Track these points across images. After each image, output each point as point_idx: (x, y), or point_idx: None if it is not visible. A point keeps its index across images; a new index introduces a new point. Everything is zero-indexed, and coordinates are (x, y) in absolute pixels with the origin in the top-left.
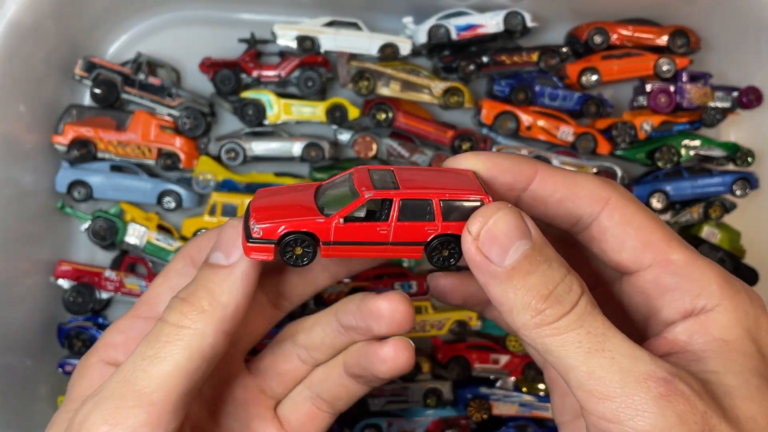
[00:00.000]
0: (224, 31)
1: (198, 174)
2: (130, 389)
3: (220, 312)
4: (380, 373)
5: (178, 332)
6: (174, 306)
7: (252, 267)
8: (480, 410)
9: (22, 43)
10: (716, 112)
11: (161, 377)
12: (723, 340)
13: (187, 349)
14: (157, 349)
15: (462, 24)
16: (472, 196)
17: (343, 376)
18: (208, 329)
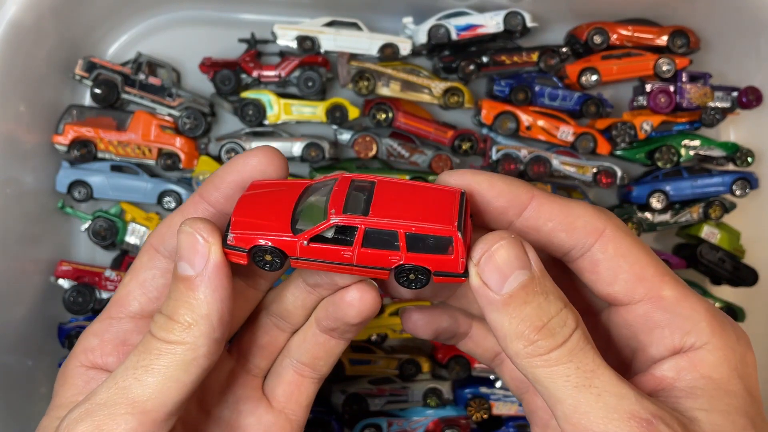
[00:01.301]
0: (224, 31)
1: (198, 174)
2: (123, 397)
3: (205, 324)
4: (350, 318)
5: (168, 347)
6: (160, 322)
7: (220, 272)
8: (480, 410)
9: (23, 43)
10: (716, 112)
11: (155, 386)
12: (711, 378)
13: (180, 361)
14: (149, 361)
15: (462, 24)
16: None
17: (318, 334)
18: (199, 341)
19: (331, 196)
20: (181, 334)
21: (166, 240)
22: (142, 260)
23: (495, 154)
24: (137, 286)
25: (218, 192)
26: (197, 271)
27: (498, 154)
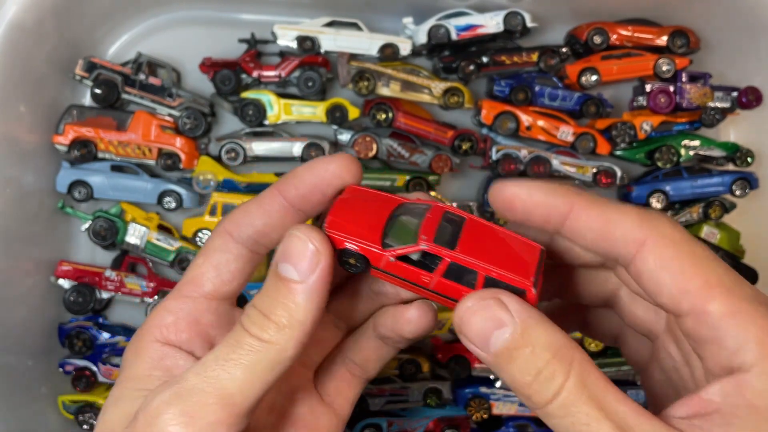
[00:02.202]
0: (224, 31)
1: (198, 174)
2: (213, 387)
3: (299, 329)
4: (406, 333)
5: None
6: (254, 318)
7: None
8: (480, 409)
9: (23, 43)
10: (716, 113)
11: (243, 380)
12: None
13: (268, 360)
14: (240, 355)
15: (462, 24)
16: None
17: (373, 339)
18: (289, 344)
19: (423, 222)
20: (274, 335)
21: (241, 227)
22: (216, 243)
23: (495, 154)
24: (211, 268)
25: (296, 191)
26: (302, 277)
27: (498, 154)
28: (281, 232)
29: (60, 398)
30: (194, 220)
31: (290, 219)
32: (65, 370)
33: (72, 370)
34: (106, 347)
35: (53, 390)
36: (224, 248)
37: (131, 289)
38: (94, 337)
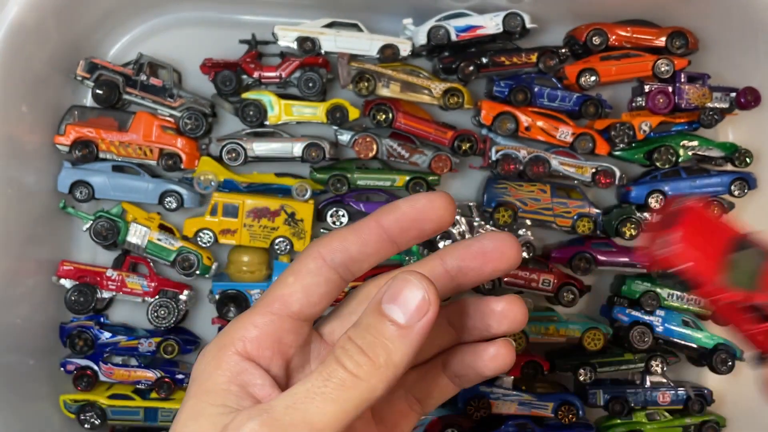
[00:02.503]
0: (225, 32)
1: (199, 174)
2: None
3: (393, 371)
4: (488, 371)
5: (354, 381)
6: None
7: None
8: (479, 409)
9: (25, 43)
10: (714, 113)
11: (331, 416)
12: None
13: (358, 398)
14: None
15: (461, 25)
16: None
17: (441, 377)
18: (380, 385)
19: None
20: (369, 373)
21: (335, 252)
22: (309, 266)
23: (494, 154)
24: (301, 289)
25: (397, 223)
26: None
27: (497, 154)
28: (373, 262)
29: (61, 397)
30: (195, 220)
31: (385, 250)
32: (66, 370)
33: (73, 369)
34: (107, 347)
35: (55, 389)
36: (316, 271)
37: (132, 288)
38: (96, 336)
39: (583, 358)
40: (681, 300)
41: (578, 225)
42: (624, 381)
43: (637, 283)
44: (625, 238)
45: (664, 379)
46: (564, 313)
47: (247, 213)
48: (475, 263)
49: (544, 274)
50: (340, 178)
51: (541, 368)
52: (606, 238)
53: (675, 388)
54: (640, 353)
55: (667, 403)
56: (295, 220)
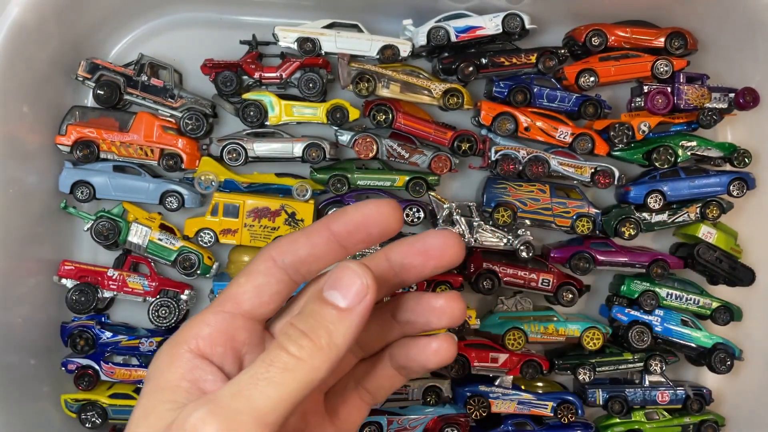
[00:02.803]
0: (226, 33)
1: (200, 174)
2: (248, 405)
3: (335, 352)
4: (430, 364)
5: (296, 363)
6: (293, 336)
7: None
8: (479, 408)
9: (26, 44)
10: (713, 113)
11: (275, 400)
12: None
13: (301, 380)
14: (273, 374)
15: (461, 26)
16: None
17: (388, 368)
18: (323, 366)
19: None
20: (311, 354)
21: (285, 254)
22: (260, 267)
23: (494, 154)
24: (253, 288)
25: (344, 227)
26: (348, 305)
27: (497, 154)
28: (322, 264)
29: (63, 397)
30: (196, 220)
31: (334, 253)
32: (68, 369)
33: (74, 368)
34: (108, 346)
35: (56, 388)
36: (267, 272)
37: (133, 288)
38: (97, 336)
39: (583, 357)
40: (680, 300)
41: (577, 225)
42: (623, 380)
43: (636, 282)
44: (624, 237)
45: (663, 378)
46: (563, 313)
47: (248, 213)
48: (417, 260)
49: (544, 273)
50: (340, 178)
51: (540, 367)
52: (605, 237)
53: (674, 388)
54: (639, 353)
55: (666, 402)
56: (295, 220)
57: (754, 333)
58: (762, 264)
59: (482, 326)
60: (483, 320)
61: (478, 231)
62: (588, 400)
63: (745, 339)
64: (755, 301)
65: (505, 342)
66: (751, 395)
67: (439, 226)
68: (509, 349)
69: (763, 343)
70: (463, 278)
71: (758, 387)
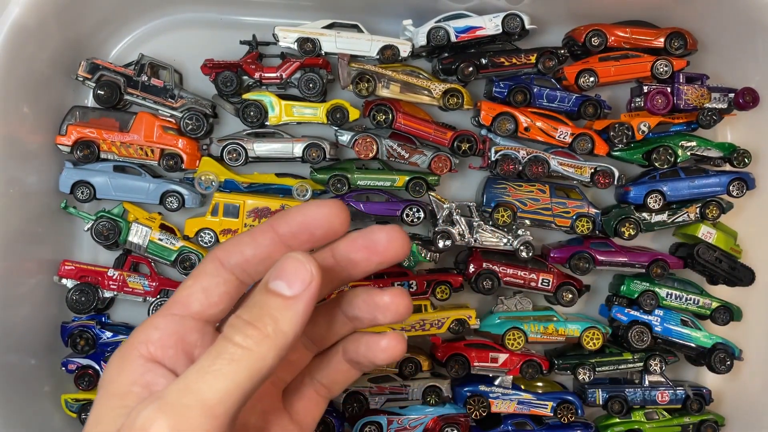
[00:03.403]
0: (226, 33)
1: (200, 174)
2: (195, 399)
3: (282, 339)
4: (379, 361)
5: (243, 353)
6: (238, 326)
7: (312, 301)
8: (479, 408)
9: (26, 44)
10: (713, 113)
11: (224, 392)
12: None
13: (249, 369)
14: (220, 365)
15: (461, 26)
16: None
17: (342, 363)
18: (270, 354)
19: None
20: (257, 342)
21: (231, 255)
22: (207, 269)
23: (494, 154)
24: (200, 290)
25: (288, 227)
26: (294, 293)
27: (497, 154)
28: (269, 264)
29: (63, 396)
30: (196, 220)
31: (279, 254)
32: (68, 369)
33: (75, 368)
34: (108, 346)
35: (56, 388)
36: (214, 273)
37: (134, 288)
38: (97, 336)
39: (582, 357)
40: (680, 300)
41: (577, 225)
42: (623, 380)
43: (635, 282)
44: (624, 237)
45: (663, 378)
46: (563, 313)
47: (248, 213)
48: (362, 255)
49: (544, 273)
50: (340, 179)
51: (540, 367)
52: (605, 237)
53: (674, 388)
54: (639, 352)
55: (666, 402)
56: None
57: (754, 333)
58: (762, 264)
59: (482, 326)
60: (483, 320)
61: (478, 231)
62: (588, 400)
63: (745, 339)
64: (755, 301)
65: (505, 342)
66: (751, 395)
67: (439, 226)
68: (509, 349)
69: (763, 343)
70: (463, 278)
71: (758, 387)
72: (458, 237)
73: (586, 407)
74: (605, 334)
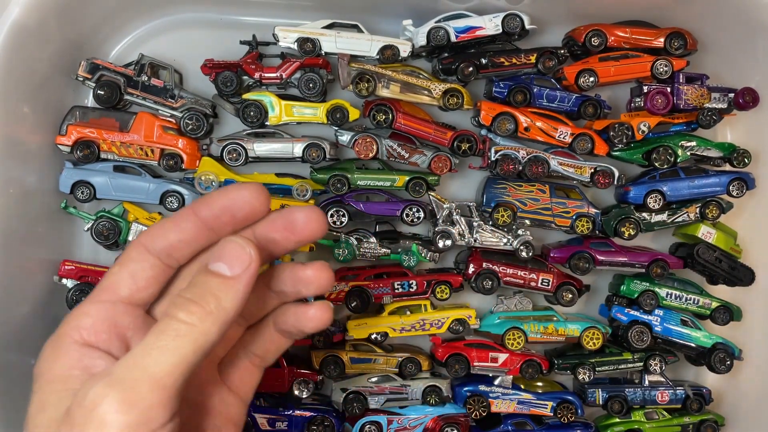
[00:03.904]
0: (226, 33)
1: (200, 174)
2: (143, 373)
3: (224, 315)
4: (308, 330)
5: (187, 328)
6: (181, 305)
7: (252, 281)
8: (479, 407)
9: (26, 44)
10: (713, 113)
11: (171, 365)
12: None
13: (193, 343)
14: (166, 341)
15: (461, 26)
16: None
17: (273, 333)
18: (213, 329)
19: None
20: (201, 318)
21: (156, 240)
22: (132, 254)
23: (494, 154)
24: (127, 276)
25: (209, 210)
26: (234, 274)
27: (497, 154)
28: (193, 248)
29: None
30: None
31: (202, 237)
32: None
33: None
34: None
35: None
36: (140, 258)
37: None
38: None
39: (582, 357)
40: (680, 300)
41: (577, 225)
42: (623, 380)
43: (635, 282)
44: (624, 237)
45: (663, 378)
46: (563, 313)
47: None
48: (282, 235)
49: (543, 273)
50: (340, 179)
51: (540, 367)
52: (605, 237)
53: (674, 387)
54: (639, 352)
55: (666, 402)
56: None
57: (754, 333)
58: (762, 264)
59: (482, 326)
60: (483, 320)
61: (477, 231)
62: (588, 399)
63: (745, 339)
64: (755, 301)
65: (505, 342)
66: (751, 395)
67: (439, 226)
68: (509, 349)
69: (763, 343)
70: (463, 278)
71: (758, 387)
72: (458, 237)
73: (586, 407)
74: (605, 334)
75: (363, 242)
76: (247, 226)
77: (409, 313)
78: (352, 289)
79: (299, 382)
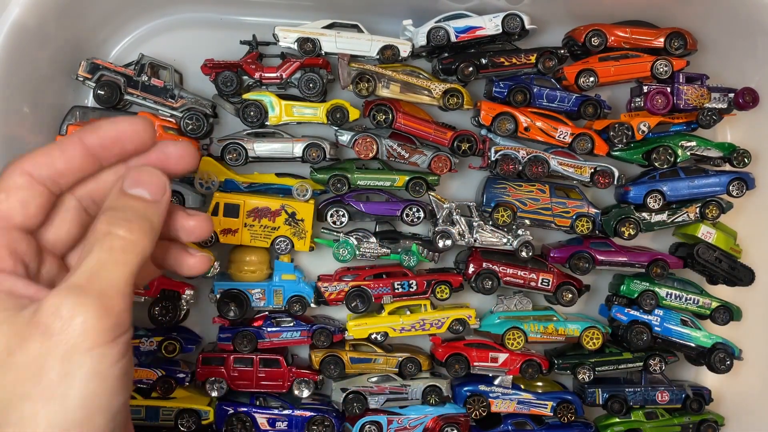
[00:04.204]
0: (226, 33)
1: (201, 174)
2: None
3: (155, 233)
4: (184, 274)
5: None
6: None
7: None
8: (479, 407)
9: (26, 44)
10: (712, 113)
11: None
12: None
13: (138, 255)
14: (117, 256)
15: (461, 26)
16: None
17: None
18: (149, 243)
19: None
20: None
21: (41, 167)
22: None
23: (494, 154)
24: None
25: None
26: (155, 199)
27: (497, 154)
28: (78, 176)
29: None
30: None
31: (90, 166)
32: None
33: None
34: None
35: None
36: (26, 185)
37: None
38: None
39: (582, 357)
40: (680, 299)
41: (577, 225)
42: (623, 380)
43: (635, 282)
44: (624, 237)
45: (663, 378)
46: (563, 313)
47: (248, 213)
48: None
49: (543, 273)
50: (340, 178)
51: (540, 367)
52: (605, 237)
53: (673, 387)
54: (639, 352)
55: (666, 401)
56: (295, 219)
57: (754, 333)
58: (762, 264)
59: (482, 326)
60: (483, 320)
61: (477, 231)
62: (588, 399)
63: (745, 339)
64: (755, 301)
65: (505, 342)
66: (751, 395)
67: (439, 226)
68: (509, 349)
69: (763, 343)
70: (463, 278)
71: (758, 387)
72: (458, 237)
73: (586, 407)
74: (605, 334)
75: (363, 242)
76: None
77: (409, 312)
78: (352, 289)
79: (299, 382)
